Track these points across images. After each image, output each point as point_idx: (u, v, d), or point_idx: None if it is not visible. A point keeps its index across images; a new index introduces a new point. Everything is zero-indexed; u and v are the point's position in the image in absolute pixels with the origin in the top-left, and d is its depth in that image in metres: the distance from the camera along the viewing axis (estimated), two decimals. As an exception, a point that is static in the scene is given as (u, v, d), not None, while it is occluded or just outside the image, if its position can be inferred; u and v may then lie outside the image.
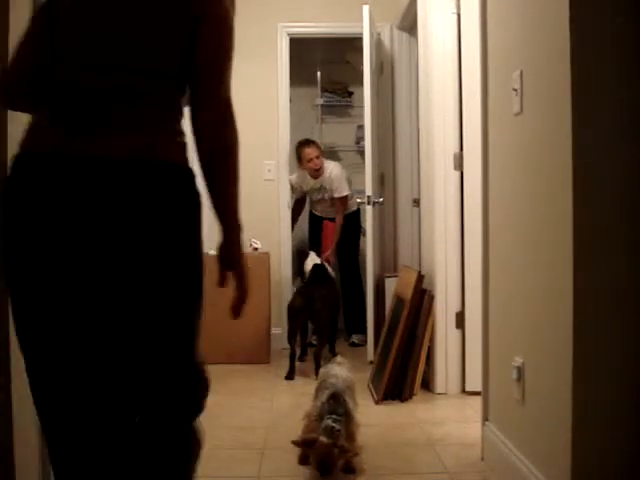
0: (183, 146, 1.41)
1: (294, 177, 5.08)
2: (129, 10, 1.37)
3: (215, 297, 4.13)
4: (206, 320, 3.80)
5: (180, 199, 1.37)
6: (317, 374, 3.86)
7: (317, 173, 4.96)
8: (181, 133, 1.42)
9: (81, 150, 1.30)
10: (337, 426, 2.33)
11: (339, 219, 4.96)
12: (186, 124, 1.43)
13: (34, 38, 1.43)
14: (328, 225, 5.07)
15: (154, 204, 1.33)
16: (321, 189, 5.04)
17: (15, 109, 1.57)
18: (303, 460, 2.45)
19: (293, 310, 4.03)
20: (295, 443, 2.37)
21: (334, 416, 2.37)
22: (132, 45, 1.36)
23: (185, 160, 1.40)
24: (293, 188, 5.14)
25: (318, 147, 4.97)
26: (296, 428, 2.61)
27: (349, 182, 5.01)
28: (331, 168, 5.00)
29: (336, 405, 2.43)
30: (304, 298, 4.04)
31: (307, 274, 4.31)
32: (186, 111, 1.44)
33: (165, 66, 1.39)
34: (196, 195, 1.40)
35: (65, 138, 1.31)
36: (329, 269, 4.55)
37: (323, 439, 2.28)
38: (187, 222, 1.39)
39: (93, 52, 1.36)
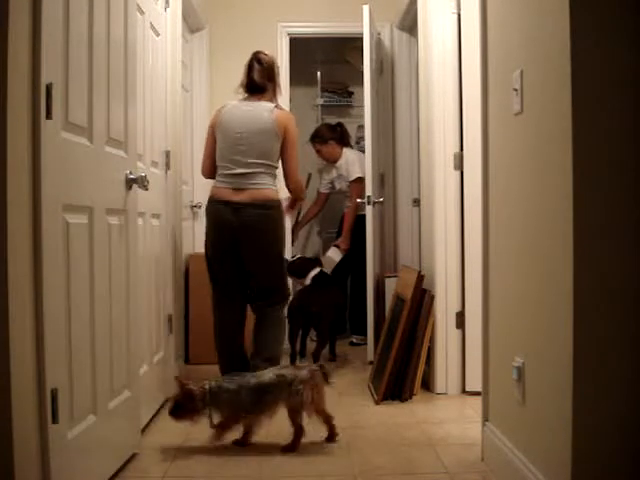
0: (276, 190, 3.34)
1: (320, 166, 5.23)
2: (255, 134, 3.28)
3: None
4: (207, 322, 3.93)
5: (274, 216, 3.32)
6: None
7: (332, 161, 5.00)
8: (275, 184, 3.35)
9: (236, 198, 3.26)
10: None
11: (352, 203, 4.83)
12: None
13: (210, 146, 3.41)
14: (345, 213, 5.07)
15: (264, 219, 3.28)
16: (340, 177, 5.05)
17: (207, 178, 3.49)
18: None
19: (294, 311, 4.02)
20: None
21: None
22: (259, 153, 3.28)
23: (277, 196, 3.33)
24: (320, 178, 5.24)
25: (319, 139, 5.00)
26: (296, 428, 2.64)
27: (362, 166, 4.78)
28: (347, 155, 5.00)
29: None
30: (305, 300, 4.03)
31: (309, 281, 4.27)
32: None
33: (272, 161, 3.33)
34: (282, 213, 3.40)
35: (230, 194, 3.27)
36: (329, 273, 4.53)
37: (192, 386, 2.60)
38: (278, 226, 3.36)
39: (240, 155, 3.28)
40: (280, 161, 3.40)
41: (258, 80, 3.41)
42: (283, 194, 3.55)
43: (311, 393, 2.59)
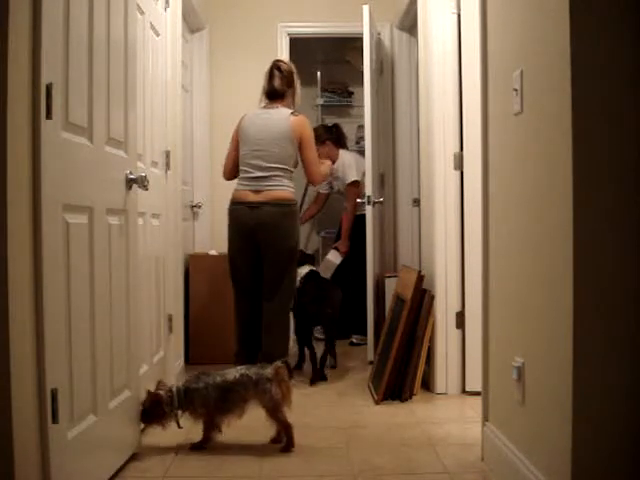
0: (292, 192, 3.65)
1: None
2: (273, 140, 3.62)
3: (217, 300, 4.22)
4: (207, 322, 3.98)
5: (289, 213, 3.62)
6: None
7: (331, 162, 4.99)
8: (291, 186, 3.66)
9: (255, 199, 3.57)
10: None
11: (349, 207, 4.87)
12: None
13: (231, 151, 3.77)
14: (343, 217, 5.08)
15: (279, 216, 3.57)
16: (338, 179, 5.06)
17: (227, 180, 3.84)
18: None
19: (296, 312, 3.95)
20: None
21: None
22: (276, 158, 3.61)
23: (292, 197, 3.65)
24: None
25: (317, 139, 4.92)
26: (296, 427, 2.64)
27: (359, 169, 4.84)
28: (343, 157, 5.00)
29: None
30: (316, 302, 3.92)
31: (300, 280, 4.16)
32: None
33: (289, 165, 3.66)
34: (297, 212, 3.73)
35: (249, 195, 3.59)
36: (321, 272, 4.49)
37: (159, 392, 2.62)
38: (292, 222, 3.64)
39: (259, 160, 3.61)
40: (301, 162, 3.77)
41: (278, 87, 3.76)
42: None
43: (280, 390, 2.61)
